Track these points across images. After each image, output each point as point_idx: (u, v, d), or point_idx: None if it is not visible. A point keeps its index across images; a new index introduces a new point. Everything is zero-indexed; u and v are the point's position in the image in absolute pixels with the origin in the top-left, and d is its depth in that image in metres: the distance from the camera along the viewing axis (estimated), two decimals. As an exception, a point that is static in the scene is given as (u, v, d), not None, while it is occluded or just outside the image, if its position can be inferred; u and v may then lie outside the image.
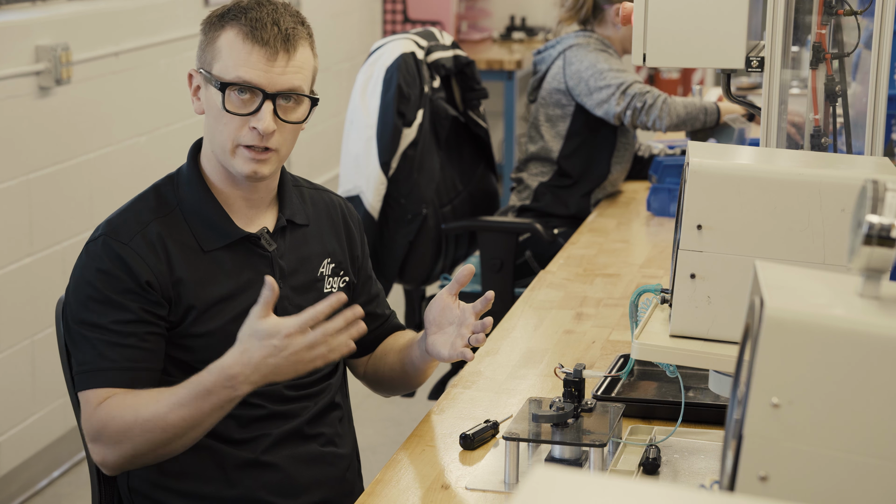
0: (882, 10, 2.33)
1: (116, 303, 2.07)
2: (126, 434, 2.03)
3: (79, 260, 2.13)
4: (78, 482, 3.97)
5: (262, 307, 1.95)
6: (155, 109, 4.45)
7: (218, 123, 2.12)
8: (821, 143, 2.46)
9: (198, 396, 2.00)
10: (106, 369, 2.06)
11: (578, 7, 3.92)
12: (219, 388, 1.98)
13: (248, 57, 2.09)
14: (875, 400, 1.25)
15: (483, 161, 4.02)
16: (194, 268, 2.13)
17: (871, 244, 1.32)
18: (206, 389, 1.99)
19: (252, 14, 2.10)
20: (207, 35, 2.15)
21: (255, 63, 2.09)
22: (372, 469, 2.48)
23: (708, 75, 7.55)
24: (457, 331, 2.19)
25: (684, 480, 1.97)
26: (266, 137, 2.09)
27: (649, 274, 3.10)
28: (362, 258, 2.36)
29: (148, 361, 2.08)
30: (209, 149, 2.17)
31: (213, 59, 2.12)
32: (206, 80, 2.13)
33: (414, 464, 2.05)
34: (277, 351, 1.95)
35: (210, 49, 2.13)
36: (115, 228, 2.12)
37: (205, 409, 2.00)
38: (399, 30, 6.84)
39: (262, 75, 2.09)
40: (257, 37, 2.09)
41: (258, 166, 2.12)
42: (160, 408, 2.01)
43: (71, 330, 2.11)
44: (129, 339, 2.07)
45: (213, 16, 2.15)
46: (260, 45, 2.09)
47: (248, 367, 1.96)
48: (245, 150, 2.11)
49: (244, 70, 2.09)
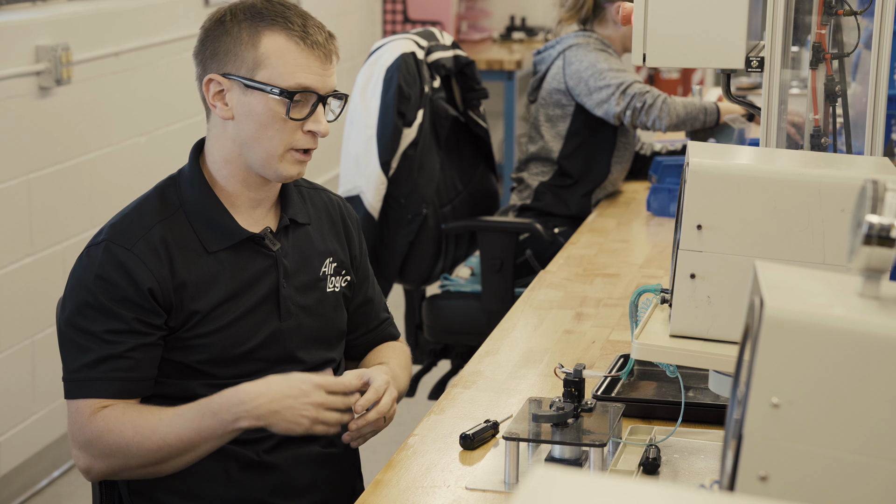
0: (882, 10, 2.33)
1: (111, 311, 2.07)
2: (121, 449, 2.04)
3: (79, 261, 2.13)
4: (78, 482, 3.97)
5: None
6: (155, 109, 4.45)
7: (268, 130, 2.10)
8: (821, 143, 2.46)
9: (201, 416, 2.03)
10: (96, 379, 2.07)
11: (579, 6, 3.92)
12: (224, 410, 2.02)
13: (307, 62, 2.09)
14: (875, 400, 1.25)
15: (483, 161, 4.03)
16: (197, 270, 2.13)
17: (871, 244, 1.32)
18: (211, 411, 2.03)
19: (295, 19, 2.10)
20: (234, 38, 2.10)
21: (314, 68, 2.10)
22: (372, 469, 2.48)
23: (708, 75, 7.55)
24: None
25: (684, 480, 1.98)
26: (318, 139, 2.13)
27: (649, 274, 3.10)
28: (360, 257, 2.36)
29: (138, 371, 2.08)
30: (233, 153, 2.14)
31: (258, 65, 2.09)
32: (246, 86, 2.09)
33: (414, 464, 2.05)
34: (294, 397, 2.01)
35: (247, 55, 2.09)
36: (119, 233, 2.11)
37: (203, 433, 2.03)
38: (399, 30, 6.84)
39: (318, 79, 2.11)
40: (312, 41, 2.10)
41: (302, 168, 2.16)
42: (160, 426, 2.03)
43: (63, 331, 2.11)
44: (120, 349, 2.07)
45: (235, 20, 2.11)
46: (316, 49, 2.10)
47: (260, 396, 2.01)
48: (295, 152, 2.13)
49: (303, 76, 2.09)
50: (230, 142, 2.14)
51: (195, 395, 2.12)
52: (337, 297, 2.28)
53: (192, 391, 2.13)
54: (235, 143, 2.14)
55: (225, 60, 2.12)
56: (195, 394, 2.12)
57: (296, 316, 2.20)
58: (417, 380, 3.88)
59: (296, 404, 2.02)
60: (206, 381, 2.14)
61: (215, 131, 2.16)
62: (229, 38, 2.11)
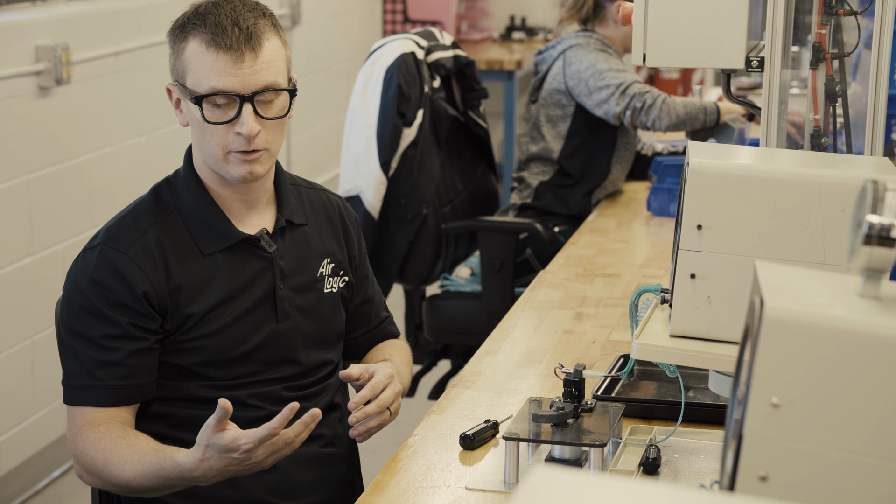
0: (882, 10, 2.33)
1: (106, 316, 2.07)
2: (97, 474, 2.05)
3: (75, 264, 2.13)
4: (78, 482, 3.96)
5: (217, 422, 1.91)
6: (155, 109, 4.45)
7: (203, 134, 2.10)
8: (821, 143, 2.46)
9: (159, 478, 1.99)
10: (93, 388, 2.07)
11: (579, 6, 3.92)
12: (180, 479, 1.98)
13: (215, 65, 2.05)
14: (875, 400, 1.25)
15: (483, 161, 4.02)
16: (193, 273, 2.12)
17: (871, 244, 1.32)
18: (167, 477, 1.98)
19: (210, 19, 2.06)
20: (174, 47, 2.12)
21: (223, 70, 2.05)
22: (372, 469, 2.48)
23: (708, 75, 7.55)
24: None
25: (684, 480, 1.97)
26: (252, 140, 2.08)
27: (649, 274, 3.10)
28: (359, 257, 2.36)
29: (135, 378, 2.08)
30: (200, 158, 2.15)
31: (185, 71, 2.09)
32: (182, 93, 2.11)
33: (414, 464, 2.05)
34: (238, 462, 1.93)
35: (179, 62, 2.10)
36: (114, 236, 2.11)
37: (167, 486, 2.02)
38: (399, 30, 6.84)
39: (234, 80, 2.05)
40: (220, 42, 2.05)
41: (252, 167, 2.10)
42: (125, 470, 2.01)
43: (60, 336, 2.12)
44: (116, 356, 2.07)
45: (175, 26, 2.12)
46: (224, 51, 2.05)
47: (209, 472, 1.95)
48: (236, 154, 2.09)
49: (215, 79, 2.05)
50: (195, 148, 2.16)
51: (192, 397, 2.12)
52: (335, 298, 2.28)
53: (189, 393, 2.13)
54: (196, 149, 2.16)
55: (172, 69, 2.14)
56: (192, 396, 2.12)
57: (293, 317, 2.20)
58: (417, 380, 3.88)
59: (242, 468, 1.96)
60: (203, 383, 2.14)
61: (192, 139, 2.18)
62: (172, 48, 2.13)
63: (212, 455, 1.92)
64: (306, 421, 1.95)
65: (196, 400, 2.13)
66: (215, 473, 1.95)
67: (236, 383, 2.15)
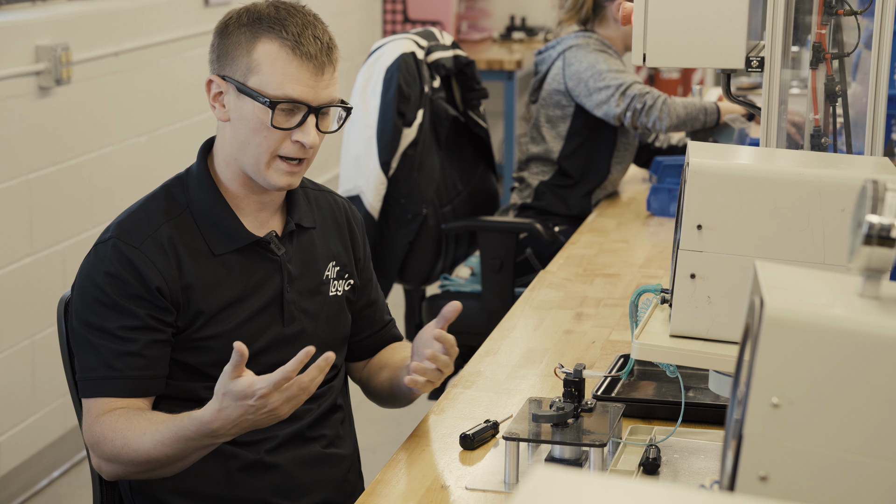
0: (882, 10, 2.33)
1: (123, 308, 2.07)
2: (116, 457, 2.04)
3: (87, 260, 2.13)
4: (78, 482, 3.97)
5: (234, 368, 1.91)
6: (155, 109, 4.45)
7: (255, 136, 2.10)
8: (821, 143, 2.46)
9: (179, 440, 1.99)
10: (111, 378, 2.07)
11: (578, 7, 3.92)
12: (200, 436, 1.98)
13: (297, 73, 2.07)
14: (875, 400, 1.25)
15: (483, 161, 4.03)
16: (203, 272, 2.13)
17: (871, 244, 1.32)
18: (188, 437, 1.98)
19: (292, 28, 2.08)
20: (230, 43, 2.11)
21: (303, 80, 2.07)
22: (372, 469, 2.48)
23: (708, 75, 7.55)
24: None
25: (684, 480, 1.97)
26: (307, 150, 2.10)
27: (649, 274, 3.10)
28: (364, 260, 2.36)
29: (152, 369, 2.08)
30: (231, 156, 2.14)
31: (250, 71, 2.09)
32: (239, 90, 2.09)
33: (414, 464, 2.05)
34: (254, 410, 1.92)
35: (242, 60, 2.09)
36: (126, 231, 2.11)
37: (187, 451, 2.01)
38: (399, 30, 6.84)
39: (309, 91, 2.08)
40: (303, 52, 2.07)
41: (292, 178, 2.13)
42: (145, 442, 2.01)
43: (76, 331, 2.11)
44: (134, 347, 2.06)
45: (238, 23, 2.11)
46: (307, 61, 2.07)
47: (227, 422, 1.94)
48: (282, 162, 2.11)
49: (291, 87, 2.07)
50: (228, 144, 2.14)
51: (199, 399, 2.12)
52: (340, 301, 2.28)
53: (195, 394, 2.13)
54: (232, 147, 2.14)
55: (224, 63, 2.12)
56: (199, 397, 2.12)
57: (299, 320, 2.20)
58: (417, 380, 3.88)
59: (259, 417, 1.94)
60: (209, 384, 2.13)
61: (219, 133, 2.17)
62: (230, 42, 2.11)
63: (229, 404, 1.92)
64: (321, 365, 1.92)
65: (202, 401, 2.12)
66: (233, 424, 1.93)
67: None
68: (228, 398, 1.92)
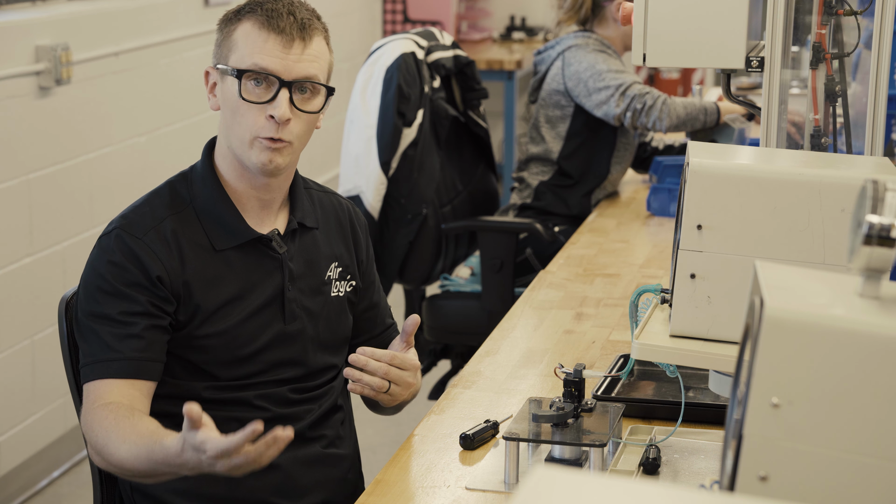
0: (882, 10, 2.33)
1: (125, 294, 2.08)
2: (99, 452, 2.03)
3: (91, 254, 2.15)
4: (78, 482, 3.97)
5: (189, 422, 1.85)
6: (155, 109, 4.45)
7: (235, 115, 2.11)
8: (821, 143, 2.46)
9: (150, 461, 1.95)
10: (111, 360, 2.07)
11: (577, 7, 3.92)
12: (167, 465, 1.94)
13: (263, 44, 2.09)
14: (875, 400, 1.25)
15: (483, 161, 4.03)
16: (205, 267, 2.13)
17: (871, 244, 1.32)
18: (157, 461, 1.95)
19: (268, 5, 2.12)
20: (223, 31, 2.15)
21: (271, 50, 2.09)
22: (372, 469, 2.48)
23: (708, 75, 7.55)
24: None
25: (684, 480, 1.97)
26: (282, 127, 2.09)
27: (649, 274, 3.10)
28: (367, 263, 2.36)
29: (151, 351, 2.08)
30: (225, 144, 2.16)
31: (230, 52, 2.13)
32: (222, 73, 2.13)
33: (414, 464, 2.05)
34: (208, 464, 1.88)
35: (226, 43, 2.14)
36: (130, 223, 2.13)
37: (157, 472, 1.98)
38: (399, 30, 6.84)
39: (278, 62, 2.09)
40: (273, 25, 2.09)
41: (273, 155, 2.11)
42: (121, 450, 1.98)
43: (80, 322, 2.12)
44: (135, 329, 2.07)
45: (230, 13, 2.16)
46: (276, 33, 2.09)
47: (189, 463, 1.90)
48: (262, 140, 2.11)
49: (259, 57, 2.09)
50: (222, 134, 2.16)
51: (199, 398, 2.11)
52: (341, 302, 2.28)
53: (196, 393, 2.13)
54: (222, 133, 2.17)
55: (216, 52, 2.17)
56: (199, 396, 2.12)
57: (300, 319, 2.20)
58: (417, 380, 3.88)
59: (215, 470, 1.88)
60: (210, 384, 2.14)
61: (219, 126, 2.18)
62: (221, 32, 2.16)
63: (188, 449, 1.89)
64: (268, 441, 1.86)
65: (202, 401, 2.12)
66: (194, 468, 1.91)
67: (243, 384, 2.15)
68: (187, 444, 1.88)
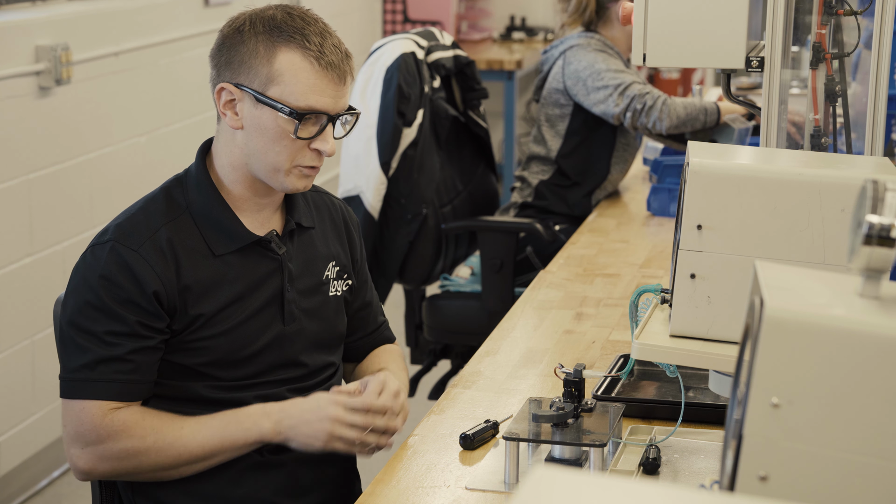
0: (882, 10, 2.33)
1: (114, 313, 2.06)
2: (139, 453, 2.05)
3: (83, 259, 2.12)
4: (78, 482, 3.96)
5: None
6: (155, 109, 4.45)
7: (275, 145, 2.09)
8: (821, 143, 2.46)
9: (226, 426, 2.07)
10: (95, 381, 2.06)
11: (581, 10, 3.91)
12: (249, 420, 2.07)
13: (322, 84, 2.07)
14: (875, 400, 1.25)
15: (483, 161, 4.03)
16: (203, 273, 2.12)
17: (871, 244, 1.32)
18: (237, 419, 2.08)
19: (313, 38, 2.07)
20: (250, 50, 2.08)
21: (328, 90, 2.08)
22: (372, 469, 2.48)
23: (708, 75, 7.55)
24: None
25: (684, 480, 1.98)
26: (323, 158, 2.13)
27: (649, 274, 3.10)
28: (360, 261, 2.36)
29: (138, 374, 2.08)
30: (240, 161, 2.13)
31: (271, 81, 2.07)
32: (257, 100, 2.07)
33: (414, 464, 2.05)
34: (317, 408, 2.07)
35: (262, 69, 2.07)
36: (125, 233, 2.09)
37: (226, 443, 2.07)
38: (399, 30, 6.84)
39: (330, 101, 2.09)
40: (327, 63, 2.07)
41: (309, 181, 2.16)
42: (183, 434, 2.06)
43: (62, 329, 2.10)
44: (120, 351, 2.06)
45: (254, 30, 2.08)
46: (331, 71, 2.08)
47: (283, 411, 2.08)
48: (303, 169, 2.12)
49: (315, 98, 2.07)
50: (238, 150, 2.13)
51: (198, 397, 2.12)
52: (338, 301, 2.28)
53: (194, 393, 2.13)
54: (243, 153, 2.13)
55: (239, 70, 2.09)
56: (198, 396, 2.12)
57: (299, 320, 2.20)
58: (417, 380, 3.88)
59: (313, 419, 2.06)
60: (209, 384, 2.14)
61: (224, 136, 2.14)
62: (245, 49, 2.08)
63: (300, 399, 2.09)
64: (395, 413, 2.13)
65: (203, 401, 2.12)
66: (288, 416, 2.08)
67: (242, 384, 2.15)
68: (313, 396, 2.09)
